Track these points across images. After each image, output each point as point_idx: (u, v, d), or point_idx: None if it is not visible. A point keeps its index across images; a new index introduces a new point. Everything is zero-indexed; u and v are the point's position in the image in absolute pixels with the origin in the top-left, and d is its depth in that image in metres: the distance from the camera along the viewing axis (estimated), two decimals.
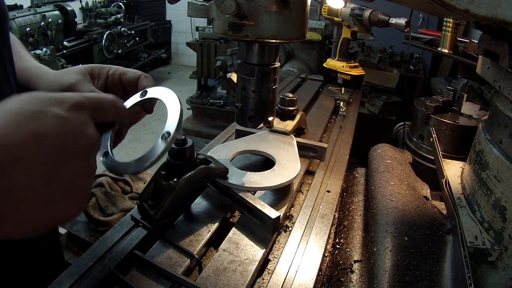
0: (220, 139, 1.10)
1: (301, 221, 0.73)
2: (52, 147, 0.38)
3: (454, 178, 0.89)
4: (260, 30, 0.59)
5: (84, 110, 0.43)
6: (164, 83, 6.03)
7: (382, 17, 1.61)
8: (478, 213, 0.73)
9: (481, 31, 0.72)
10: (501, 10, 0.47)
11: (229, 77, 1.69)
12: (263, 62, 0.67)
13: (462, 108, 1.55)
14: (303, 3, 0.61)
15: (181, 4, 0.70)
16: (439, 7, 0.54)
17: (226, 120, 3.51)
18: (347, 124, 1.34)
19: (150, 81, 0.63)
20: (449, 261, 0.69)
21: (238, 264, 0.60)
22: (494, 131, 0.72)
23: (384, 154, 1.04)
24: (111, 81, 0.65)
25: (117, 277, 0.54)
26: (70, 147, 0.39)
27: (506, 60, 0.60)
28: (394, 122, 2.25)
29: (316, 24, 3.28)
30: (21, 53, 0.73)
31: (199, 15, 0.66)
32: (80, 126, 0.41)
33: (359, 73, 1.84)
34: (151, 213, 0.65)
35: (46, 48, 3.51)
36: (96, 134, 0.43)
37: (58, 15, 4.10)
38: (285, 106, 1.10)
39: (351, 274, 0.69)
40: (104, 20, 5.16)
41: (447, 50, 2.03)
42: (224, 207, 0.74)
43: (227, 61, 3.38)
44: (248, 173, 0.75)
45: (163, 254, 0.60)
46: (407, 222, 0.74)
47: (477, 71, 0.82)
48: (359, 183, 1.01)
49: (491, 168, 0.69)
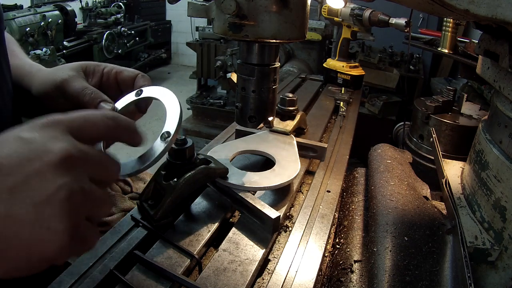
0: (220, 139, 1.10)
1: (301, 221, 0.73)
2: (11, 168, 0.33)
3: (454, 178, 0.89)
4: (260, 30, 0.59)
5: (59, 127, 0.38)
6: (164, 83, 6.03)
7: (382, 17, 1.61)
8: (478, 213, 0.73)
9: (481, 31, 0.72)
10: (501, 10, 0.47)
11: (229, 77, 1.69)
12: (263, 62, 0.67)
13: (462, 108, 1.55)
14: (303, 3, 0.61)
15: (181, 4, 0.70)
16: (439, 7, 0.54)
17: (226, 120, 3.51)
18: (347, 124, 1.34)
19: (147, 81, 0.62)
20: (449, 261, 0.69)
21: (238, 264, 0.60)
22: (494, 131, 0.72)
23: (384, 154, 1.04)
24: (106, 80, 0.64)
25: (117, 277, 0.54)
26: (33, 167, 0.34)
27: (506, 60, 0.60)
28: (394, 122, 2.25)
29: (316, 24, 3.28)
30: (16, 51, 0.73)
31: (199, 15, 0.66)
32: (44, 142, 0.35)
33: (359, 73, 1.84)
34: (151, 213, 0.65)
35: (46, 48, 3.51)
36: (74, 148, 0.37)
37: (58, 15, 4.10)
38: (285, 106, 1.10)
39: (351, 274, 0.69)
40: (104, 20, 5.16)
41: (447, 50, 2.03)
42: (224, 207, 0.74)
43: (227, 61, 3.38)
44: (248, 173, 0.75)
45: (163, 254, 0.60)
46: (407, 222, 0.74)
47: (477, 71, 0.82)
48: (359, 183, 1.01)
49: (491, 168, 0.69)
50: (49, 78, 0.61)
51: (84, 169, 0.37)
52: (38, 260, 0.34)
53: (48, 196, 0.34)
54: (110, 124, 0.42)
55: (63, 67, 0.63)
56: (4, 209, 0.32)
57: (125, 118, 0.45)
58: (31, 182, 0.33)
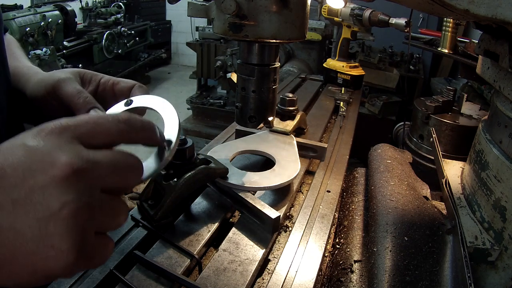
0: (220, 139, 1.10)
1: (301, 221, 0.73)
2: (15, 179, 0.32)
3: (454, 178, 0.89)
4: (260, 30, 0.59)
5: (65, 133, 0.35)
6: (164, 83, 6.04)
7: (382, 17, 1.61)
8: (478, 213, 0.73)
9: (481, 31, 0.72)
10: (501, 10, 0.47)
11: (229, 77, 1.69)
12: (263, 62, 0.67)
13: (462, 108, 1.55)
14: (303, 3, 0.61)
15: (181, 4, 0.70)
16: (439, 7, 0.54)
17: (226, 120, 3.51)
18: (347, 124, 1.34)
19: (144, 91, 0.60)
20: (449, 261, 0.69)
21: (238, 264, 0.60)
22: (494, 131, 0.72)
23: (384, 154, 1.04)
24: (103, 90, 0.63)
25: (117, 277, 0.54)
26: (36, 180, 0.32)
27: (506, 60, 0.60)
28: (394, 122, 2.25)
29: (316, 24, 3.28)
30: (16, 54, 0.72)
31: (199, 15, 0.66)
32: (49, 153, 0.33)
33: (359, 73, 1.84)
34: (151, 213, 0.65)
35: (46, 48, 3.51)
36: (81, 159, 0.34)
37: (58, 15, 4.10)
38: (285, 106, 1.10)
39: (351, 274, 0.69)
40: (104, 20, 5.16)
41: (447, 50, 2.03)
42: (224, 207, 0.74)
43: (227, 61, 3.38)
44: (248, 173, 0.75)
45: (163, 254, 0.60)
46: (407, 222, 0.74)
47: (477, 71, 0.82)
48: (359, 183, 1.01)
49: (491, 168, 0.69)
50: (46, 79, 0.61)
51: (93, 181, 0.35)
52: (42, 276, 0.33)
53: (51, 213, 0.32)
54: (123, 128, 0.39)
55: (62, 71, 0.63)
56: (7, 222, 0.31)
57: (140, 118, 0.42)
58: (34, 197, 0.32)
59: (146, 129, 0.42)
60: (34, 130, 0.35)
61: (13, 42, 0.76)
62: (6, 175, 0.32)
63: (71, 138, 0.35)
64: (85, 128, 0.37)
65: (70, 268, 0.33)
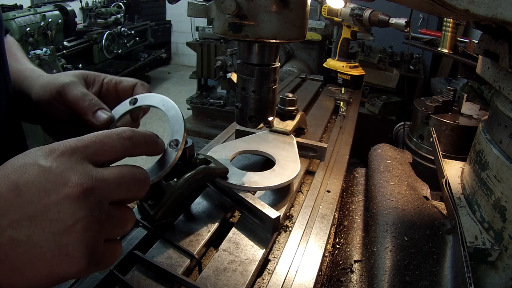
0: (220, 139, 1.10)
1: (301, 221, 0.73)
2: (31, 196, 0.35)
3: (454, 178, 0.89)
4: (260, 30, 0.59)
5: (75, 154, 0.39)
6: (164, 83, 6.04)
7: (382, 17, 1.61)
8: (478, 213, 0.73)
9: (481, 31, 0.72)
10: (501, 10, 0.47)
11: (229, 77, 1.69)
12: (263, 62, 0.67)
13: (462, 108, 1.56)
14: (303, 3, 0.61)
15: (181, 4, 0.70)
16: (439, 7, 0.54)
17: (226, 120, 3.51)
18: (347, 124, 1.34)
19: (146, 89, 0.62)
20: (449, 261, 0.69)
21: (238, 264, 0.60)
22: (494, 131, 0.72)
23: (384, 154, 1.04)
24: (106, 90, 0.64)
25: (117, 277, 0.54)
26: (51, 199, 0.36)
27: (506, 60, 0.60)
28: (394, 122, 2.25)
29: (316, 24, 3.28)
30: (17, 56, 0.73)
31: (199, 15, 0.66)
32: (61, 173, 0.37)
33: (359, 73, 1.85)
34: (151, 213, 0.65)
35: (46, 48, 3.50)
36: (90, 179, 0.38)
37: (58, 15, 4.10)
38: (285, 106, 1.10)
39: (351, 274, 0.69)
40: (104, 20, 5.16)
41: (447, 50, 2.03)
42: (224, 207, 0.74)
43: (227, 61, 3.38)
44: (248, 173, 0.75)
45: (163, 254, 0.60)
46: (407, 222, 0.74)
47: (477, 71, 0.82)
48: (359, 183, 1.01)
49: (491, 168, 0.69)
50: (50, 83, 0.61)
51: (102, 196, 0.38)
52: (56, 279, 0.37)
53: (66, 228, 0.36)
54: (127, 145, 0.43)
55: (65, 73, 0.63)
56: (25, 236, 0.35)
57: (143, 133, 0.45)
58: (50, 214, 0.35)
59: (149, 143, 0.46)
60: (46, 149, 0.39)
61: (14, 44, 0.76)
62: (22, 193, 0.35)
63: (81, 159, 0.39)
64: (93, 148, 0.40)
65: (82, 273, 0.37)
